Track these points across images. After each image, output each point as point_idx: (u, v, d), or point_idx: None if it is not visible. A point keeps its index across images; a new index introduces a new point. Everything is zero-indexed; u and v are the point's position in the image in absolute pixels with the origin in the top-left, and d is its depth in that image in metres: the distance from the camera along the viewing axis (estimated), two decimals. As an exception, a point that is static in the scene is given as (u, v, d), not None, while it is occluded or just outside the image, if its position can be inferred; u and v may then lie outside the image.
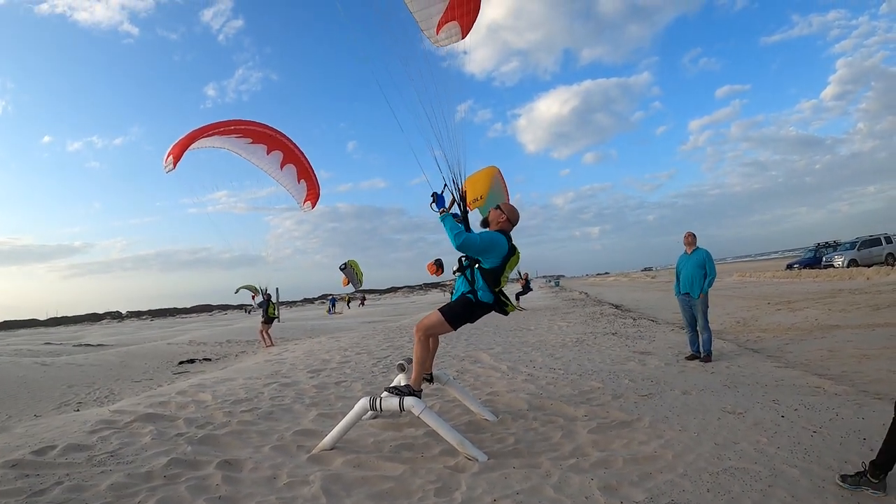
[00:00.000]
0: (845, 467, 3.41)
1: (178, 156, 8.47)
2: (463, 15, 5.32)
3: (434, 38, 5.46)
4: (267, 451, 4.27)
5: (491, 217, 4.69)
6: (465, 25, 5.42)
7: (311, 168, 10.50)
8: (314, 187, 10.67)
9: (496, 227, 4.61)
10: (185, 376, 10.95)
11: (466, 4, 5.25)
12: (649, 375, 6.68)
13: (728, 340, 9.65)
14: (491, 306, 4.46)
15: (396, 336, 13.35)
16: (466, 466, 3.81)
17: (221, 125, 9.02)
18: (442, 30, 5.40)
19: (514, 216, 4.69)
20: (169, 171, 8.53)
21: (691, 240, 8.05)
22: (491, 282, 4.36)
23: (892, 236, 31.33)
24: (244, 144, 9.50)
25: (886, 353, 7.37)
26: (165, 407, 5.63)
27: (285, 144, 9.96)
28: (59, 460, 3.94)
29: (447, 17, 5.28)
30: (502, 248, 4.37)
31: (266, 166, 9.94)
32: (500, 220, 4.62)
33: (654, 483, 3.36)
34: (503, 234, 4.50)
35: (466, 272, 4.46)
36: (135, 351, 15.49)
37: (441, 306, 4.53)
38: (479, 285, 4.38)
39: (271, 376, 7.62)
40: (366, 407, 4.25)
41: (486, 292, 4.38)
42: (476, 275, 4.40)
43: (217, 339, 19.22)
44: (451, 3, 5.21)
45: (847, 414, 4.54)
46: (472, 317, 4.49)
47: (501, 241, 4.39)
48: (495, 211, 4.69)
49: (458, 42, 5.53)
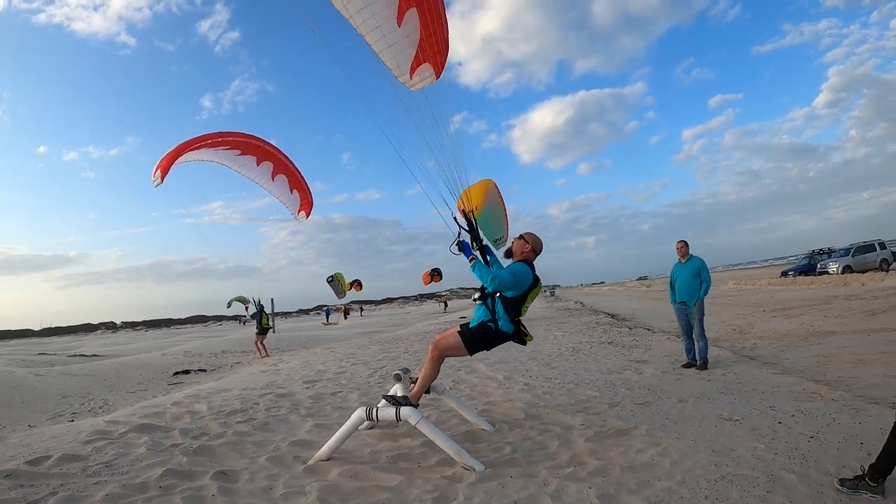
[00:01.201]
0: (843, 472, 3.41)
1: (165, 169, 8.47)
2: (433, 55, 5.34)
3: (409, 83, 5.48)
4: (263, 461, 4.25)
5: (515, 248, 4.69)
6: (437, 65, 5.44)
7: (303, 178, 10.50)
8: (307, 197, 10.67)
9: (520, 258, 4.62)
10: (180, 387, 10.90)
11: (435, 45, 5.27)
12: (646, 384, 6.68)
13: (724, 348, 9.66)
14: (510, 336, 4.44)
15: (392, 347, 13.32)
16: (463, 476, 3.79)
17: (209, 137, 9.01)
18: (415, 74, 5.41)
19: (538, 246, 4.69)
20: (157, 186, 8.52)
21: (685, 249, 8.08)
22: (512, 311, 4.36)
23: (885, 242, 31.52)
24: (233, 156, 9.47)
25: (882, 358, 7.38)
26: (160, 417, 5.60)
27: (275, 155, 9.95)
28: (54, 470, 3.90)
29: (418, 60, 5.30)
30: (528, 279, 4.39)
31: (257, 178, 9.92)
32: (525, 251, 4.63)
33: (651, 491, 3.35)
34: (528, 265, 4.50)
35: (487, 301, 4.44)
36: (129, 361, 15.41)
37: (461, 328, 4.50)
38: (500, 315, 4.37)
39: (267, 387, 7.59)
40: (362, 417, 4.23)
41: (506, 322, 4.37)
42: (497, 304, 4.38)
43: (212, 349, 19.13)
44: (421, 45, 5.23)
45: (844, 419, 4.54)
46: (489, 345, 4.47)
47: (528, 274, 4.41)
48: (519, 241, 4.68)
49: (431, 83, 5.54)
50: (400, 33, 5.11)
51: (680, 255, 8.12)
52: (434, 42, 5.25)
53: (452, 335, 4.42)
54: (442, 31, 5.30)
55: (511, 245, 4.74)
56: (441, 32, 5.29)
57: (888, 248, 31.05)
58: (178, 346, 21.85)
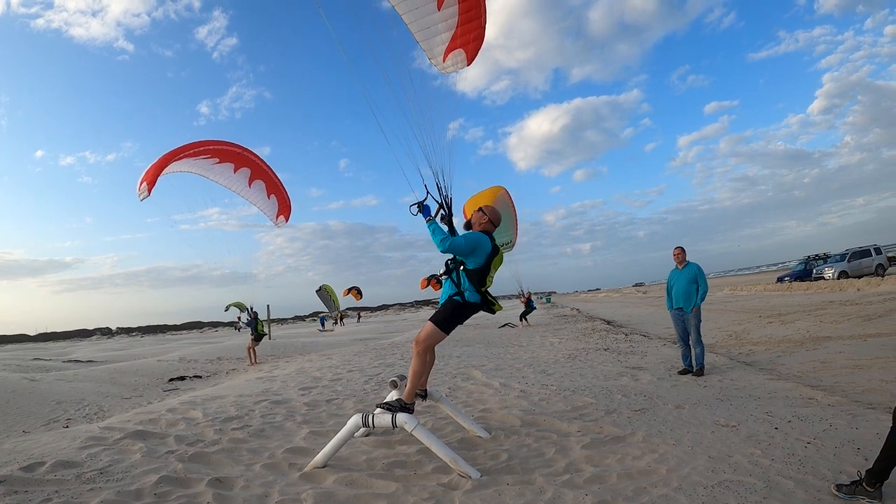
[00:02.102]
0: (840, 477, 3.41)
1: (151, 182, 8.49)
2: (468, 42, 5.48)
3: (441, 66, 5.64)
4: (258, 469, 4.22)
5: (473, 219, 4.82)
6: (470, 52, 5.59)
7: (281, 183, 10.59)
8: (285, 201, 10.76)
9: (479, 229, 4.72)
10: (176, 393, 10.84)
11: (471, 32, 5.41)
12: (642, 390, 6.68)
13: (720, 354, 9.67)
14: (479, 306, 4.55)
15: (388, 353, 13.27)
16: (460, 484, 3.77)
17: (191, 147, 9.09)
18: (448, 57, 5.56)
19: (495, 217, 4.83)
20: (144, 199, 8.53)
21: (682, 255, 8.10)
22: (477, 282, 4.45)
23: (881, 247, 31.66)
24: (210, 166, 9.51)
25: (878, 363, 7.40)
26: (155, 424, 5.56)
27: (252, 161, 10.03)
28: (48, 477, 3.87)
29: (453, 45, 5.45)
30: (486, 247, 4.47)
31: (234, 185, 9.98)
32: (483, 222, 4.75)
33: (648, 498, 3.34)
34: (486, 235, 4.60)
35: (452, 275, 4.54)
36: (125, 367, 15.31)
37: (431, 316, 4.57)
38: (466, 286, 4.46)
39: (262, 394, 7.55)
40: (358, 424, 4.21)
41: (472, 293, 4.46)
42: (462, 276, 4.48)
43: (208, 356, 19.03)
44: (457, 32, 5.36)
45: (840, 424, 4.55)
46: (461, 318, 4.55)
47: (485, 241, 4.50)
48: (477, 213, 4.82)
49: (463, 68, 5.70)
50: (438, 17, 5.24)
51: (677, 261, 8.14)
52: (472, 29, 5.40)
53: (427, 325, 4.49)
54: (480, 18, 5.42)
55: (470, 218, 4.85)
56: (479, 20, 5.42)
57: (884, 253, 31.21)
58: (173, 353, 21.72)
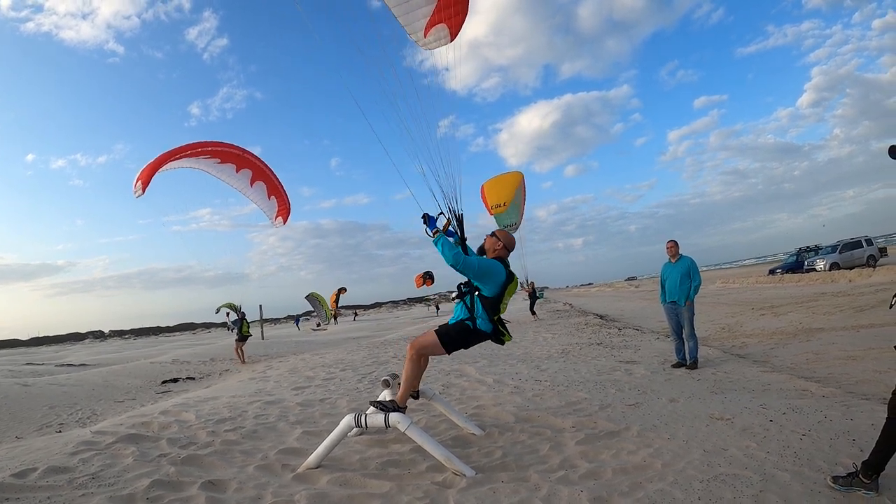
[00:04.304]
0: (836, 469, 3.41)
1: (146, 181, 8.51)
2: (451, 16, 5.23)
3: (422, 42, 5.34)
4: (251, 470, 4.18)
5: (487, 245, 4.63)
6: (453, 27, 5.33)
7: (281, 185, 10.75)
8: (284, 203, 10.94)
9: (493, 255, 4.55)
10: (169, 395, 10.77)
11: (455, 6, 5.17)
12: (636, 384, 6.67)
13: (714, 347, 9.70)
14: (488, 335, 4.39)
15: (381, 352, 13.25)
16: (454, 482, 3.75)
17: (189, 147, 9.15)
18: (430, 33, 5.30)
19: (510, 243, 4.62)
20: (138, 196, 8.56)
21: (675, 249, 8.10)
22: (490, 310, 4.30)
23: (872, 238, 31.87)
24: (213, 164, 9.66)
25: (871, 353, 7.43)
26: (148, 427, 5.51)
27: (253, 163, 10.19)
28: (40, 483, 3.82)
29: (435, 19, 5.19)
30: (500, 275, 4.30)
31: (236, 184, 10.14)
32: (497, 248, 4.56)
33: (644, 493, 3.32)
34: (501, 262, 4.43)
35: (466, 299, 4.39)
36: (117, 370, 15.19)
37: (437, 327, 4.46)
38: (479, 313, 4.32)
39: (255, 394, 7.51)
40: (351, 424, 4.18)
41: (484, 321, 4.31)
42: (476, 302, 4.33)
43: (201, 357, 18.95)
44: (439, 5, 5.11)
45: (835, 416, 4.55)
46: (466, 343, 4.42)
47: (499, 268, 4.33)
48: (491, 238, 4.62)
49: (447, 45, 5.42)
50: None
51: (670, 255, 8.14)
52: (455, 2, 5.14)
53: (430, 333, 4.38)
54: None
55: (483, 243, 4.69)
56: None
57: (874, 244, 31.42)
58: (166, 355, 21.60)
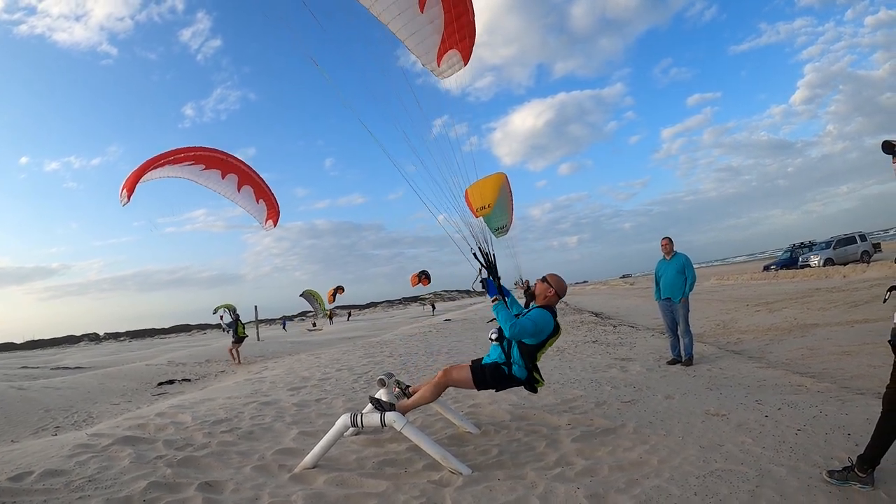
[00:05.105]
0: (832, 463, 3.42)
1: (131, 189, 8.50)
2: (459, 41, 5.22)
3: (437, 71, 5.36)
4: (248, 471, 4.17)
5: (538, 290, 4.54)
6: (464, 50, 5.32)
7: (268, 187, 10.73)
8: (273, 206, 10.94)
9: (543, 302, 4.46)
10: (165, 397, 10.72)
11: (461, 30, 5.16)
12: (631, 381, 6.69)
13: (709, 343, 9.72)
14: (521, 382, 4.30)
15: (377, 351, 13.22)
16: (451, 480, 3.75)
17: (171, 154, 9.10)
18: (443, 60, 5.31)
19: (561, 289, 4.52)
20: (125, 205, 8.56)
21: (669, 246, 8.11)
22: (528, 358, 4.23)
23: (866, 234, 32.03)
24: (198, 171, 9.58)
25: (866, 348, 7.46)
26: (144, 429, 5.48)
27: (238, 167, 10.16)
28: (37, 486, 3.80)
29: (445, 46, 5.19)
30: (549, 328, 4.23)
31: (223, 190, 10.09)
32: (549, 295, 4.47)
33: (640, 489, 3.33)
34: (550, 312, 4.35)
35: (504, 343, 4.31)
36: (113, 373, 15.12)
37: (473, 363, 4.39)
38: (515, 359, 4.23)
39: (251, 395, 7.49)
40: (347, 423, 4.17)
41: (521, 369, 4.23)
42: (513, 348, 4.25)
43: (196, 359, 18.87)
44: (446, 32, 5.11)
45: (830, 410, 4.57)
46: (498, 386, 4.34)
47: (549, 322, 4.24)
48: (542, 284, 4.51)
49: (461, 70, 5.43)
50: (423, 19, 5.01)
51: (665, 251, 8.16)
52: (461, 26, 5.14)
53: (464, 368, 4.29)
54: (466, 14, 5.17)
55: (533, 287, 4.58)
56: (466, 16, 5.18)
57: (868, 240, 31.57)
58: (161, 357, 21.51)
